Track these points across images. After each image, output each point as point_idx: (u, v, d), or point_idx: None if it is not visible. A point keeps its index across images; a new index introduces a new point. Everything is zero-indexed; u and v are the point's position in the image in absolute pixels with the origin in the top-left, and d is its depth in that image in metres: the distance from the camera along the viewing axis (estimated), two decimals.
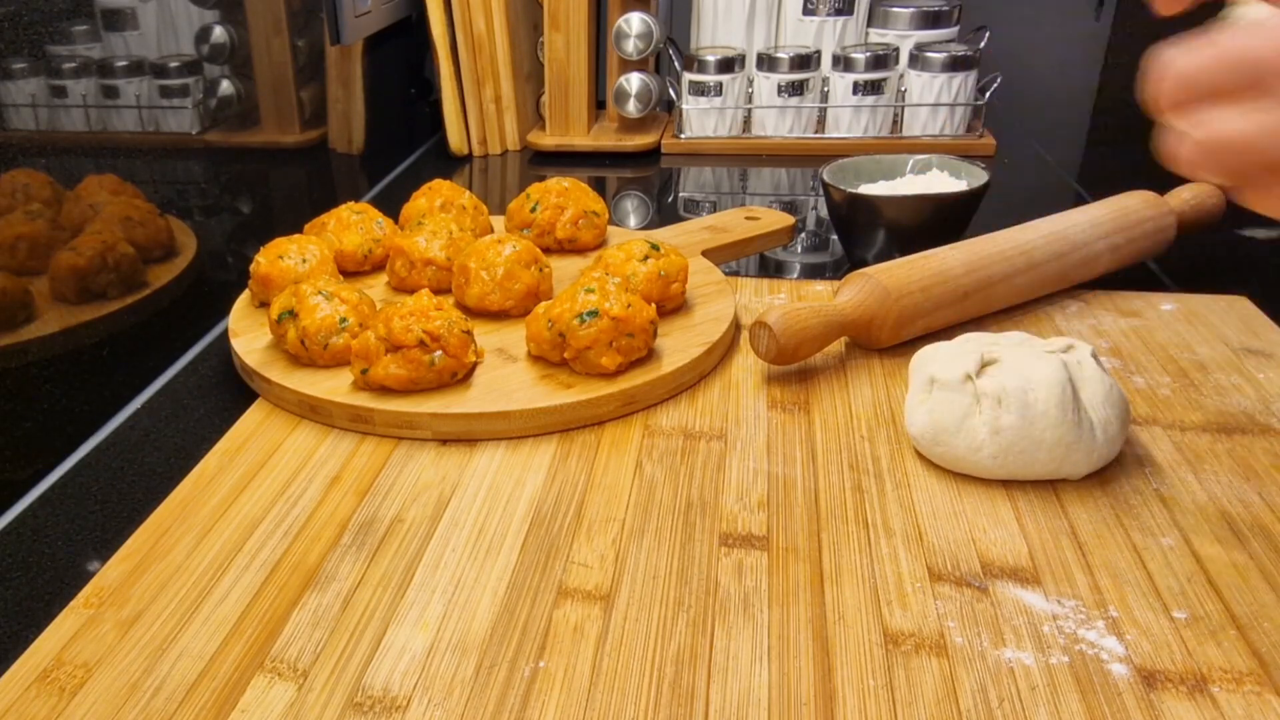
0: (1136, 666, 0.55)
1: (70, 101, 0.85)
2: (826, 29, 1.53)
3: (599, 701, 0.54)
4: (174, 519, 0.70)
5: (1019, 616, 0.59)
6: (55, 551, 0.70)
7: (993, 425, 0.69)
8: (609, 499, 0.71)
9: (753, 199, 1.41)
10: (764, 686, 0.54)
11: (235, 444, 0.79)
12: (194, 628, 0.60)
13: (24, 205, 0.78)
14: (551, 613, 0.60)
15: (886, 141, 1.52)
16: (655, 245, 0.91)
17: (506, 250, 0.91)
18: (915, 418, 0.74)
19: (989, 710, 0.52)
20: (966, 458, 0.71)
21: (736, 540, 0.66)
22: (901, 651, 0.56)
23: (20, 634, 0.61)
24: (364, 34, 1.38)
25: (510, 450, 0.77)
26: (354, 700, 0.54)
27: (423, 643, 0.58)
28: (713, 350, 0.86)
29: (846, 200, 1.05)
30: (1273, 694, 0.53)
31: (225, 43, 1.06)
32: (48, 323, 0.81)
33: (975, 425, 0.70)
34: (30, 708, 0.55)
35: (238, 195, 1.13)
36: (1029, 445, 0.69)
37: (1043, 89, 1.84)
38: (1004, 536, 0.65)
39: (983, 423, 0.70)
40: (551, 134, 1.60)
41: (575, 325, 0.80)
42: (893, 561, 0.63)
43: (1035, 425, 0.69)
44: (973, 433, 0.70)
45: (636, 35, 1.52)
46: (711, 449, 0.76)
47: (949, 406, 0.71)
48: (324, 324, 0.83)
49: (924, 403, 0.73)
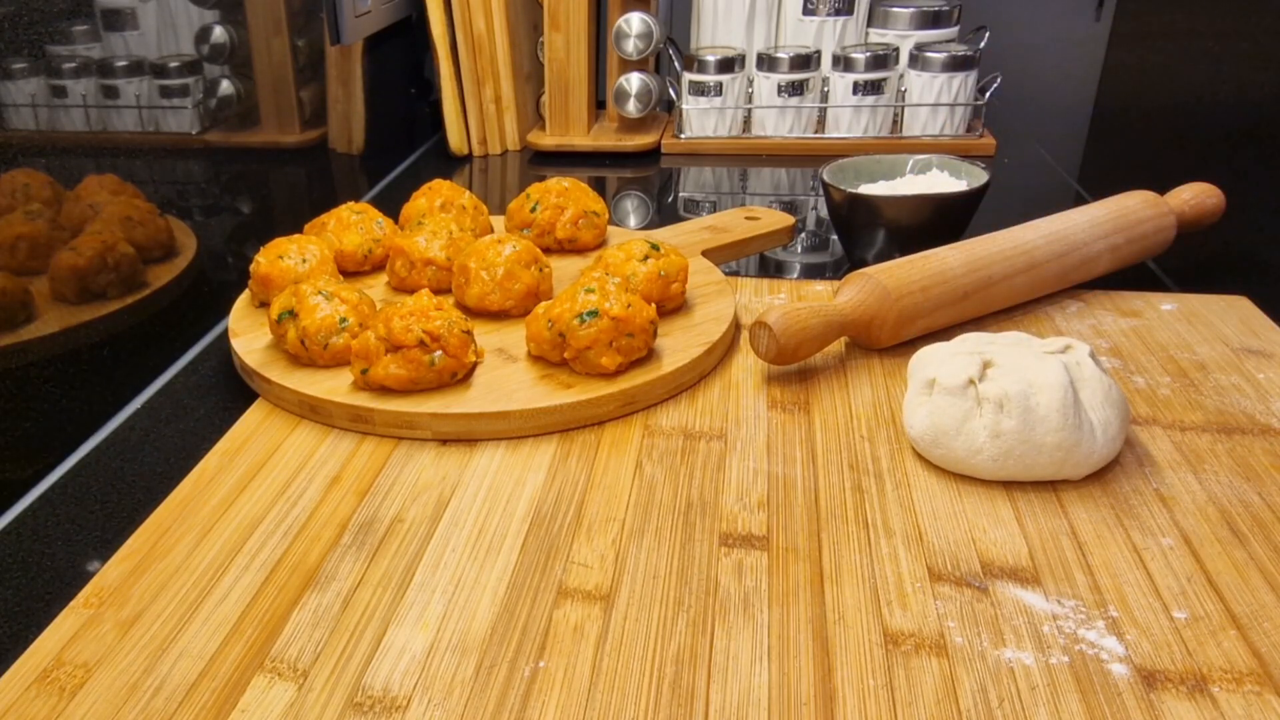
0: (1136, 666, 0.55)
1: (70, 101, 0.85)
2: (826, 29, 1.53)
3: (599, 701, 0.54)
4: (174, 519, 0.70)
5: (1019, 616, 0.59)
6: (55, 551, 0.70)
7: (993, 429, 0.69)
8: (609, 499, 0.71)
9: (753, 199, 1.41)
10: (764, 686, 0.54)
11: (235, 444, 0.79)
12: (194, 628, 0.60)
13: (24, 205, 0.79)
14: (551, 613, 0.60)
15: (886, 141, 1.52)
16: (655, 245, 0.91)
17: (506, 250, 0.91)
18: (915, 419, 0.74)
19: (989, 710, 0.52)
20: (966, 460, 0.71)
21: (736, 540, 0.66)
22: (901, 651, 0.56)
23: (20, 634, 0.61)
24: (364, 34, 1.38)
25: (510, 450, 0.77)
26: (354, 700, 0.54)
27: (423, 643, 0.58)
28: (713, 350, 0.87)
29: (846, 200, 1.05)
30: (1273, 694, 0.53)
31: (225, 43, 1.06)
32: (48, 323, 0.81)
33: (975, 429, 0.70)
34: (30, 708, 0.55)
35: (238, 195, 1.13)
36: (1029, 449, 0.69)
37: (1043, 89, 1.84)
38: (1004, 536, 0.65)
39: (983, 426, 0.70)
40: (551, 134, 1.60)
41: (575, 325, 0.80)
42: (893, 561, 0.63)
43: (1036, 430, 0.69)
44: (972, 436, 0.70)
45: (636, 35, 1.52)
46: (711, 449, 0.76)
47: (949, 410, 0.71)
48: (324, 324, 0.83)
49: (924, 405, 0.73)
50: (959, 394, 0.71)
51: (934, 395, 0.73)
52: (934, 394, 0.73)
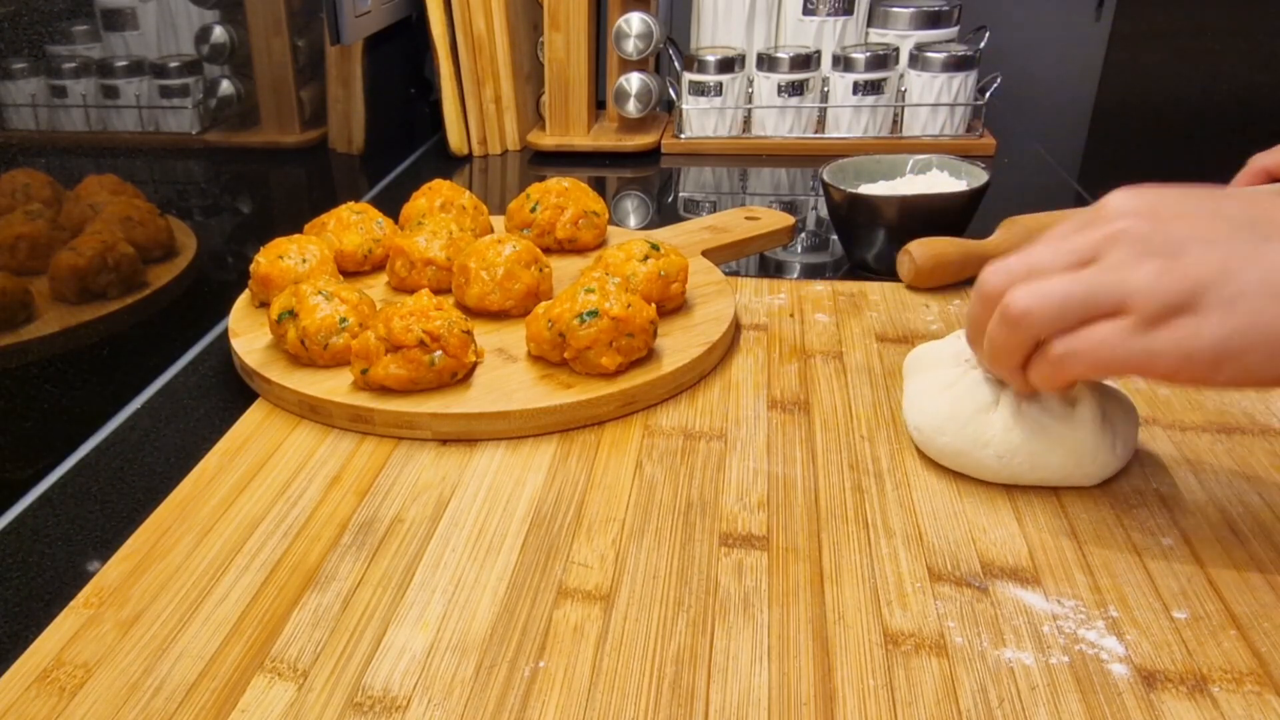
0: (1136, 666, 0.55)
1: (70, 101, 0.85)
2: (826, 29, 1.53)
3: (599, 702, 0.54)
4: (174, 519, 0.70)
5: (1019, 616, 0.59)
6: (55, 551, 0.70)
7: (1007, 422, 0.69)
8: (609, 499, 0.71)
9: (753, 199, 1.41)
10: (764, 686, 0.54)
11: (235, 444, 0.79)
12: (194, 628, 0.60)
13: (24, 205, 0.79)
14: (551, 613, 0.60)
15: (886, 141, 1.52)
16: (655, 245, 0.91)
17: (506, 250, 0.91)
18: (926, 405, 0.73)
19: (989, 710, 0.52)
20: (970, 453, 0.70)
21: (736, 540, 0.66)
22: (901, 651, 0.56)
23: (20, 634, 0.61)
24: (364, 34, 1.38)
25: (510, 450, 0.77)
26: (354, 700, 0.55)
27: (423, 643, 0.58)
28: (713, 350, 0.87)
29: (846, 200, 1.05)
30: (1273, 694, 0.53)
31: (225, 43, 1.06)
32: (48, 323, 0.81)
33: (989, 420, 0.69)
34: (30, 708, 0.55)
35: (238, 195, 1.13)
36: (1042, 448, 0.68)
37: (1043, 89, 1.84)
38: (1004, 537, 0.65)
39: (999, 418, 0.69)
40: (551, 134, 1.60)
41: (575, 325, 0.80)
42: (893, 561, 0.64)
43: (1052, 430, 0.68)
44: (983, 427, 0.69)
45: (636, 35, 1.52)
46: (711, 449, 0.76)
47: (967, 397, 0.70)
48: (324, 324, 0.83)
49: (949, 388, 0.72)
50: (981, 382, 0.71)
51: (959, 379, 0.72)
52: (958, 378, 0.72)
